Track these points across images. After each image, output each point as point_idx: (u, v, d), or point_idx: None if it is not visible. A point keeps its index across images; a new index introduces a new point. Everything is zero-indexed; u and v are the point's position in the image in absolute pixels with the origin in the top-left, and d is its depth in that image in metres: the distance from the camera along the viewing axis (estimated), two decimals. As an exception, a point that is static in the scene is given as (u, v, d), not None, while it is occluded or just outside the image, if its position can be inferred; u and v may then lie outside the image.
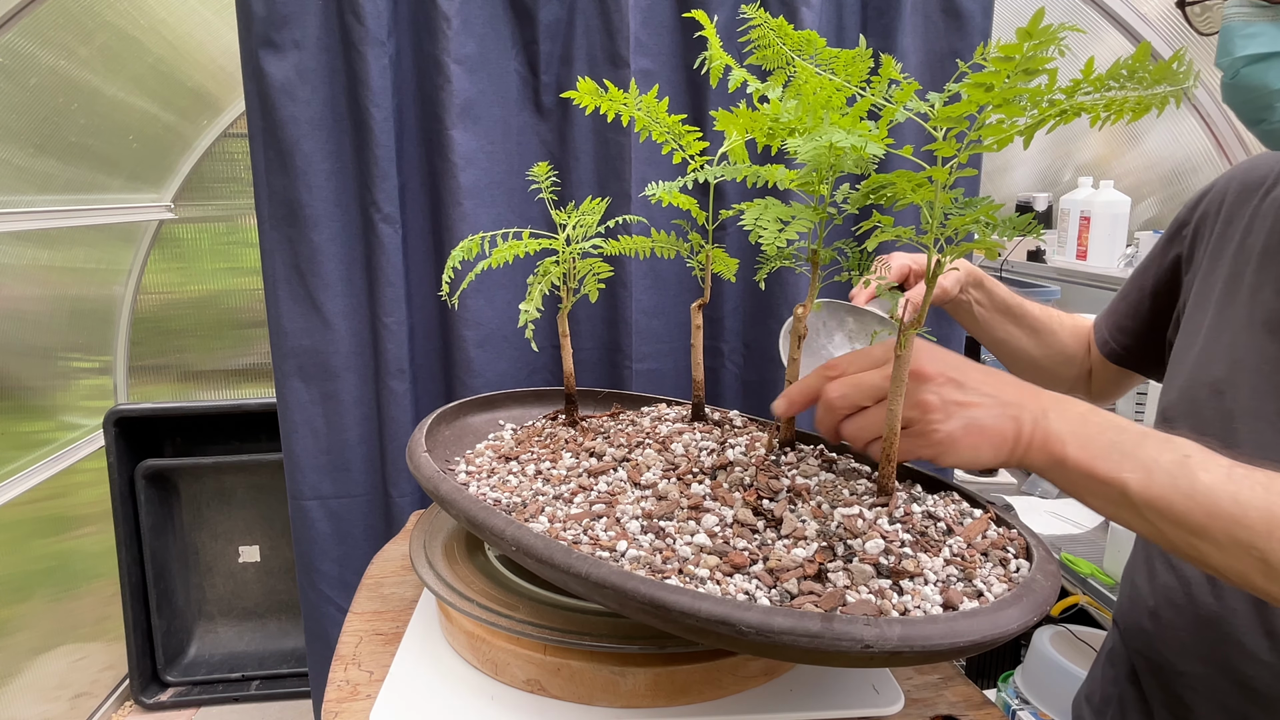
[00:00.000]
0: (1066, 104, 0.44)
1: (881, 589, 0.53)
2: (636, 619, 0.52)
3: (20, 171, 1.83)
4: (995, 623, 0.49)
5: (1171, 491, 0.51)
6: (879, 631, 0.46)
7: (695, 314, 0.79)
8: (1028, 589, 0.53)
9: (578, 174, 1.40)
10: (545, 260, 0.78)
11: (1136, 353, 0.91)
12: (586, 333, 1.46)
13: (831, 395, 0.61)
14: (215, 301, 2.50)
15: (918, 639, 0.46)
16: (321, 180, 1.32)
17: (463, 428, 0.89)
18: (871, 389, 0.59)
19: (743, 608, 0.47)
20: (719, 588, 0.53)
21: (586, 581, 0.52)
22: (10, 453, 1.92)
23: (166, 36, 1.96)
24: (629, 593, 0.50)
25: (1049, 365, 0.99)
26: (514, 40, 1.36)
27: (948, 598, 0.52)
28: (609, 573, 0.52)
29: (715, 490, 0.64)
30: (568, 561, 0.53)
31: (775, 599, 0.52)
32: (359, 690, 0.68)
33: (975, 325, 0.99)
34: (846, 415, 0.61)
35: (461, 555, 0.77)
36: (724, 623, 0.47)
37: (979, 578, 0.55)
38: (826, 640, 0.46)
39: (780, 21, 0.55)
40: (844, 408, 0.60)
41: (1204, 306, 0.77)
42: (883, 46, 1.41)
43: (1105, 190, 2.07)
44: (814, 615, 0.47)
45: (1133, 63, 0.42)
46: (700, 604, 0.48)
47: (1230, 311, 0.74)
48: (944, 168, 0.50)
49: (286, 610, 2.31)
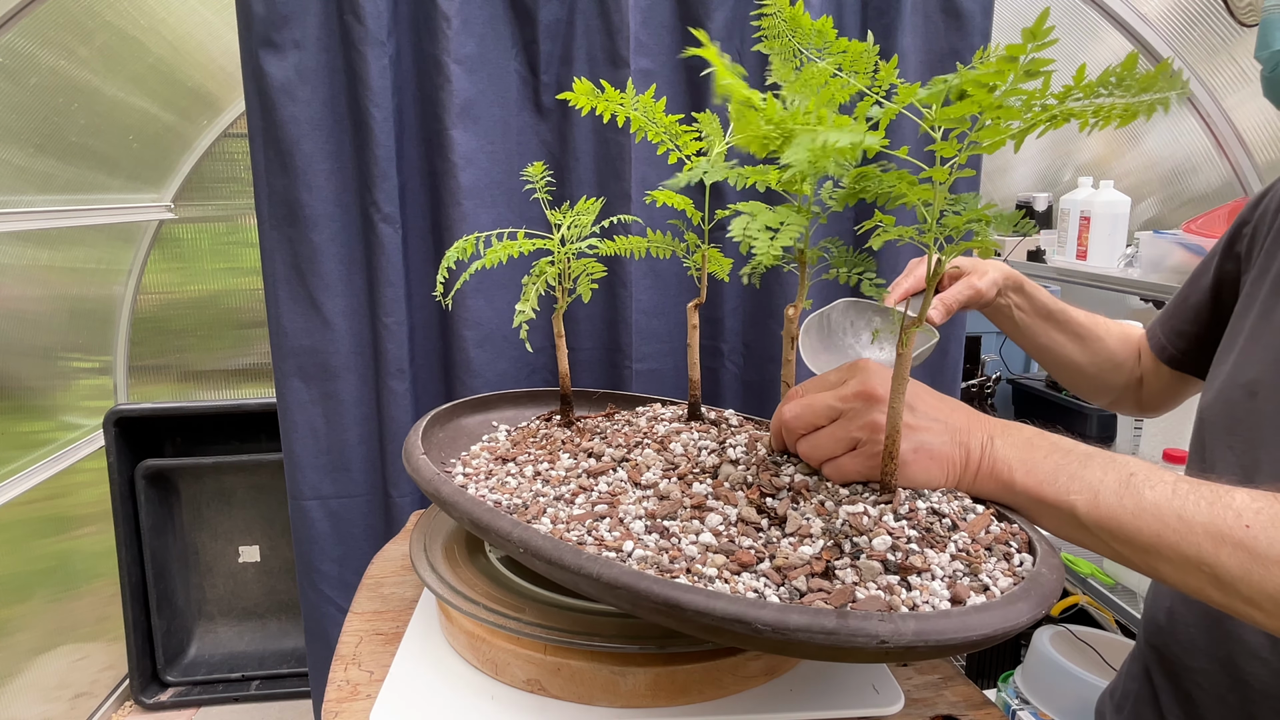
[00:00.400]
0: (1057, 109, 0.44)
1: (890, 585, 0.53)
2: (649, 619, 0.52)
3: (20, 171, 1.83)
4: (1007, 616, 0.49)
5: (1119, 510, 0.52)
6: (894, 627, 0.46)
7: (691, 314, 0.79)
8: (1034, 582, 0.53)
9: (578, 174, 1.40)
10: (540, 260, 0.78)
11: (1196, 356, 0.88)
12: (586, 332, 1.46)
13: (786, 415, 0.63)
14: (215, 301, 2.51)
15: (932, 633, 0.47)
16: (321, 180, 1.32)
17: (457, 429, 0.88)
18: (824, 409, 0.60)
19: (758, 605, 0.47)
20: (727, 586, 0.53)
21: (598, 583, 0.52)
22: (10, 453, 1.92)
23: (166, 36, 1.96)
24: (643, 593, 0.50)
25: (1095, 372, 0.97)
26: (514, 40, 1.37)
27: (955, 592, 0.52)
28: (621, 573, 0.51)
29: (717, 489, 0.64)
30: (578, 563, 0.53)
31: (784, 596, 0.52)
32: (359, 690, 0.68)
33: (1016, 331, 0.97)
34: (801, 435, 0.63)
35: (462, 555, 0.77)
36: (740, 621, 0.47)
37: (984, 572, 0.55)
38: (842, 636, 0.46)
39: (795, 11, 0.54)
40: (799, 428, 0.62)
41: (1250, 307, 0.76)
42: (883, 46, 1.41)
43: (1105, 190, 2.07)
44: (829, 612, 0.47)
45: (1121, 70, 0.42)
46: (715, 603, 0.48)
47: (1275, 314, 0.73)
48: (944, 168, 0.50)
49: (286, 610, 2.31)
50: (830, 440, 0.60)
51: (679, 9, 1.37)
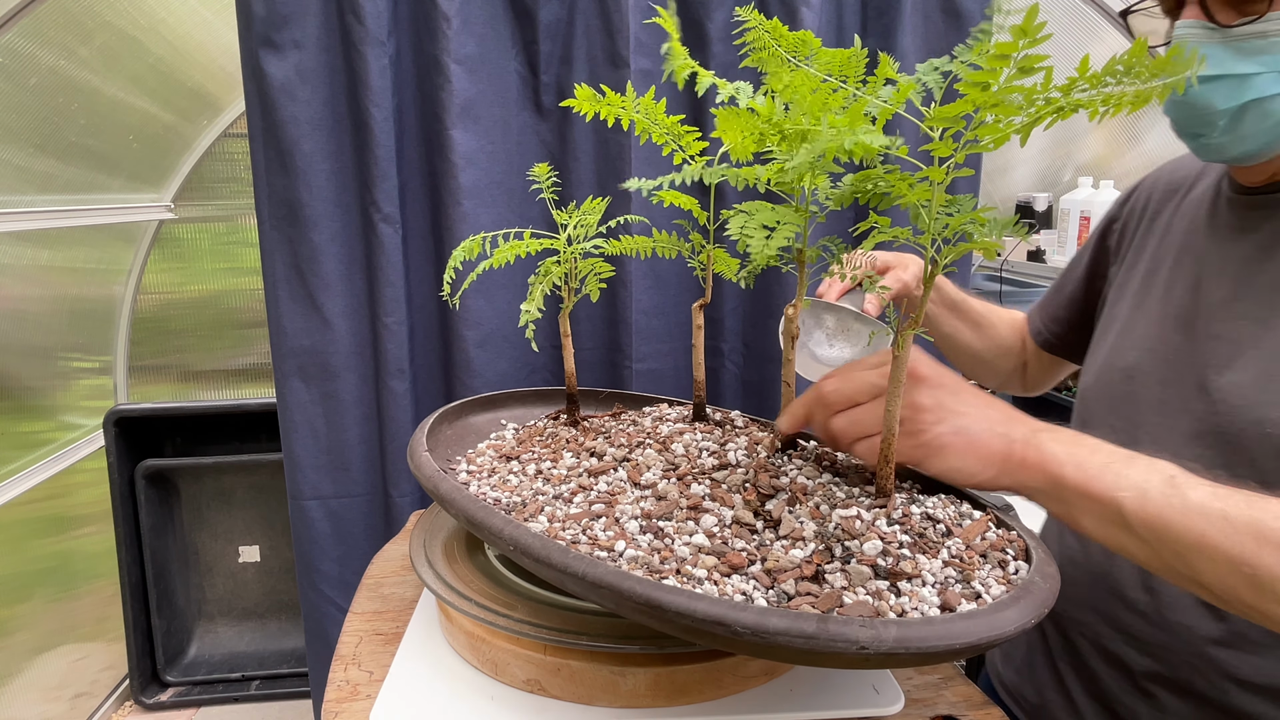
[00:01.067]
0: (1063, 101, 0.44)
1: (879, 590, 0.53)
2: (633, 619, 0.52)
3: (20, 171, 1.83)
4: (992, 624, 0.49)
5: (1166, 509, 0.53)
6: (874, 633, 0.46)
7: (696, 314, 0.79)
8: (1026, 591, 0.53)
9: (578, 174, 1.40)
10: (547, 260, 0.78)
11: (1069, 341, 0.96)
12: (587, 333, 1.46)
13: (826, 389, 0.63)
14: (215, 301, 2.50)
15: (914, 640, 0.46)
16: (321, 180, 1.32)
17: (465, 427, 0.89)
18: (867, 385, 0.61)
19: (738, 608, 0.47)
20: (716, 588, 0.53)
21: (583, 581, 0.52)
22: (10, 453, 1.92)
23: (166, 36, 1.96)
24: (625, 593, 0.50)
25: (990, 358, 1.04)
26: (514, 40, 1.36)
27: (945, 599, 0.52)
28: (605, 572, 0.52)
29: (715, 491, 0.64)
30: (564, 561, 0.53)
31: (773, 599, 0.52)
32: (359, 690, 0.68)
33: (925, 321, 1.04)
34: (839, 410, 0.62)
35: (461, 555, 0.77)
36: (719, 623, 0.47)
37: (977, 579, 0.55)
38: (822, 642, 0.46)
39: (775, 24, 0.54)
40: (837, 402, 0.62)
41: (1123, 296, 0.84)
42: (883, 46, 1.41)
43: (1105, 190, 2.07)
44: (810, 616, 0.47)
45: (1129, 58, 0.43)
46: (696, 604, 0.48)
47: (1147, 304, 0.80)
48: (941, 168, 0.50)
49: (286, 610, 2.31)
50: (871, 416, 0.60)
51: (679, 9, 1.37)
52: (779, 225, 0.56)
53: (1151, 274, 0.81)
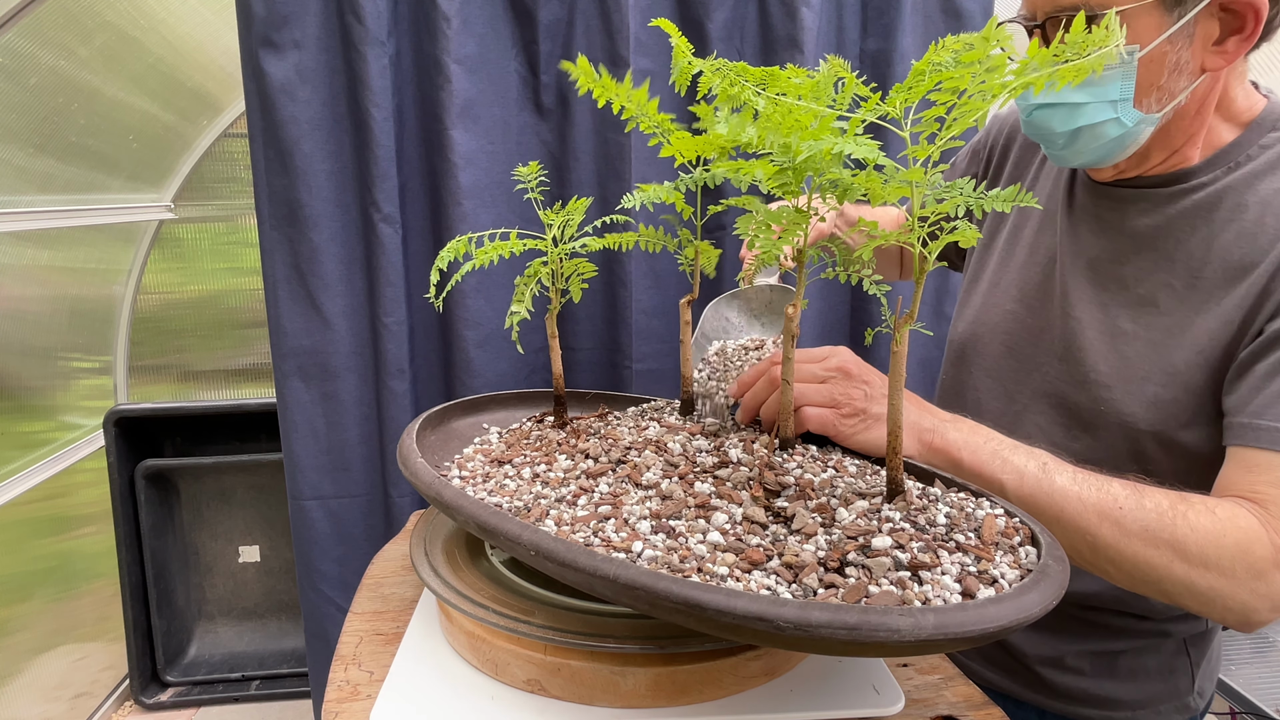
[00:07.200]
0: (1015, 82, 0.49)
1: (901, 580, 0.53)
2: (667, 619, 0.52)
3: (20, 171, 1.83)
4: (1020, 607, 0.50)
5: (1037, 490, 0.69)
6: (915, 621, 0.47)
7: (684, 310, 0.79)
8: (1043, 574, 0.54)
9: (578, 174, 1.40)
10: (534, 261, 0.78)
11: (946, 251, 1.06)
12: (586, 332, 1.46)
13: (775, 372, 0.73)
14: (215, 301, 2.50)
15: (952, 626, 0.47)
16: (321, 180, 1.32)
17: (448, 432, 0.88)
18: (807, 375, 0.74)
19: (779, 604, 0.48)
20: (739, 584, 0.53)
21: (615, 584, 0.52)
22: (10, 453, 1.92)
23: (166, 36, 1.96)
24: (661, 594, 0.50)
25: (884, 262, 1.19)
26: (514, 40, 1.36)
27: (966, 586, 0.53)
28: (639, 574, 0.51)
29: (719, 489, 0.64)
30: (593, 564, 0.53)
31: (797, 593, 0.53)
32: (359, 690, 0.68)
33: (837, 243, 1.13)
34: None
35: (462, 555, 0.77)
36: (761, 619, 0.47)
37: (992, 566, 0.56)
38: (864, 632, 0.47)
39: (741, 65, 0.57)
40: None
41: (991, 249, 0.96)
42: (883, 46, 1.41)
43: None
44: (850, 608, 0.48)
45: (1071, 34, 0.48)
46: (735, 602, 0.48)
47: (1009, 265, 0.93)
48: (920, 168, 0.53)
49: (286, 610, 2.31)
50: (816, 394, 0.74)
51: (679, 9, 1.37)
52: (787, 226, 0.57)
53: (1016, 233, 0.93)
